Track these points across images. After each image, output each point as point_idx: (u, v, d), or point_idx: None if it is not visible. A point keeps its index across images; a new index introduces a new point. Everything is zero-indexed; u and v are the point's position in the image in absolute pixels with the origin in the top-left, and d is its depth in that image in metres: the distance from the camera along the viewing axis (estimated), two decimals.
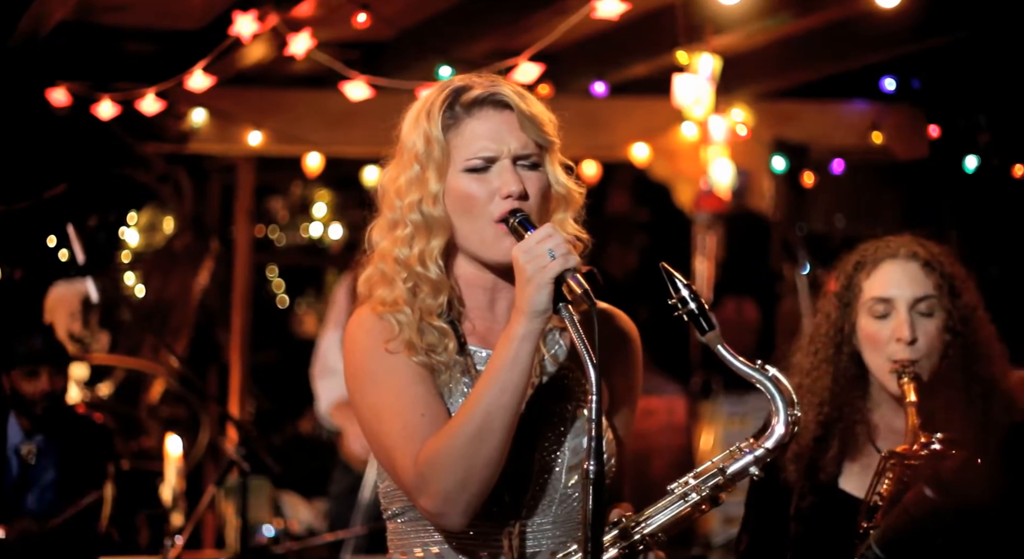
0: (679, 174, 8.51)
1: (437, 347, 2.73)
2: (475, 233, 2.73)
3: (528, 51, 5.90)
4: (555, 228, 2.65)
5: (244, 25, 6.41)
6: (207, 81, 6.88)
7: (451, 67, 6.53)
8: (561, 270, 2.56)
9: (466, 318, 2.81)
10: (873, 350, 3.36)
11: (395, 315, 2.72)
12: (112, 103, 7.27)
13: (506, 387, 2.56)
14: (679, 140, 8.28)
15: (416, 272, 2.74)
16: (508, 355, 2.56)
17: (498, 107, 2.74)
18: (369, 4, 6.05)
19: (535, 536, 2.73)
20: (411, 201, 2.74)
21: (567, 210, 2.82)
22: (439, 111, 2.74)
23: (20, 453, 6.12)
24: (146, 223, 9.87)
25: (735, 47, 7.68)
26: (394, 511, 2.80)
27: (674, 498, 2.70)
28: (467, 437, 2.55)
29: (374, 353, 2.71)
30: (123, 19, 7.46)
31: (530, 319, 2.56)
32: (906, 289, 3.34)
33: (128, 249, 9.84)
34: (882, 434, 3.40)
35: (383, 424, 2.68)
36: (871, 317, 3.36)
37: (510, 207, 2.68)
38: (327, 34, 7.02)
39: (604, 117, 8.53)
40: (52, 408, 6.14)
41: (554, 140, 2.80)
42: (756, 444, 2.69)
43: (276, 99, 8.20)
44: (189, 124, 8.20)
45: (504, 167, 2.71)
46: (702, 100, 6.70)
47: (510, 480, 2.68)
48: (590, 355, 2.54)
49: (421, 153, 2.73)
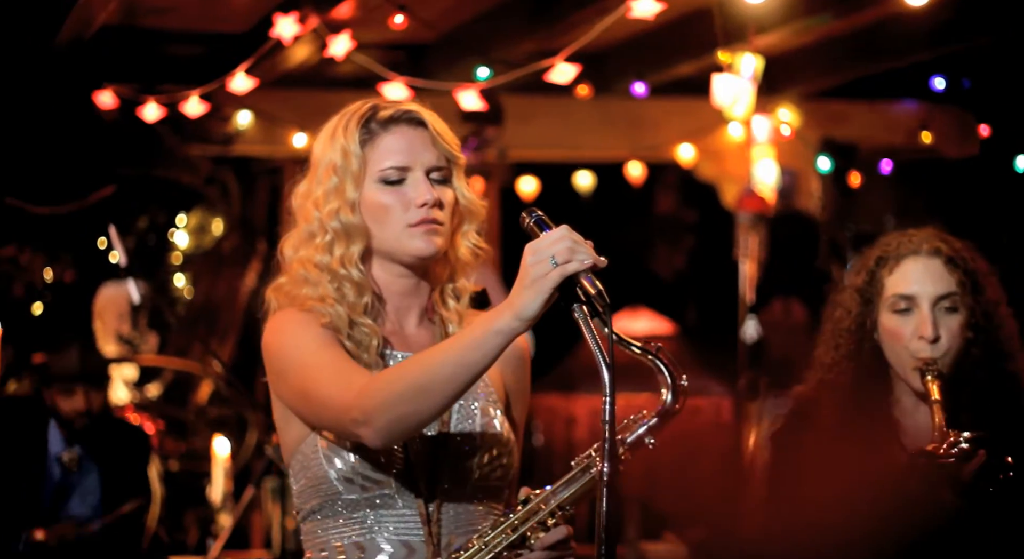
0: (726, 174, 8.47)
1: (362, 344, 2.82)
2: (391, 236, 2.83)
3: (564, 52, 5.90)
4: (569, 230, 2.63)
5: (285, 27, 6.45)
6: (250, 83, 6.92)
7: (489, 68, 6.54)
8: (559, 281, 2.55)
9: (384, 320, 2.90)
10: (895, 346, 3.33)
11: (325, 309, 2.80)
12: (157, 105, 7.32)
13: (461, 361, 2.59)
14: (726, 140, 8.25)
15: (340, 274, 2.82)
16: (479, 338, 2.58)
17: (412, 124, 2.86)
18: (407, 6, 6.06)
19: (450, 523, 2.81)
20: (330, 209, 2.82)
21: (472, 222, 2.94)
22: (356, 127, 2.85)
23: (62, 461, 6.16)
24: (195, 225, 9.91)
25: (782, 46, 7.64)
26: (311, 508, 2.85)
27: (577, 472, 2.75)
28: (412, 386, 2.60)
29: (303, 325, 2.78)
30: (167, 22, 7.52)
31: (514, 318, 2.57)
32: (928, 286, 3.30)
33: (178, 251, 9.90)
34: (906, 431, 3.37)
35: (314, 375, 2.73)
36: (893, 313, 3.33)
37: (426, 216, 2.80)
38: (371, 36, 7.04)
39: (650, 118, 8.51)
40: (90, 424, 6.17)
41: (461, 156, 2.92)
42: (648, 414, 2.72)
43: (321, 101, 8.14)
44: (234, 126, 8.25)
45: (418, 179, 2.83)
46: (742, 100, 6.66)
47: (426, 470, 2.79)
48: (604, 355, 2.53)
49: (339, 165, 2.83)
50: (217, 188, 9.19)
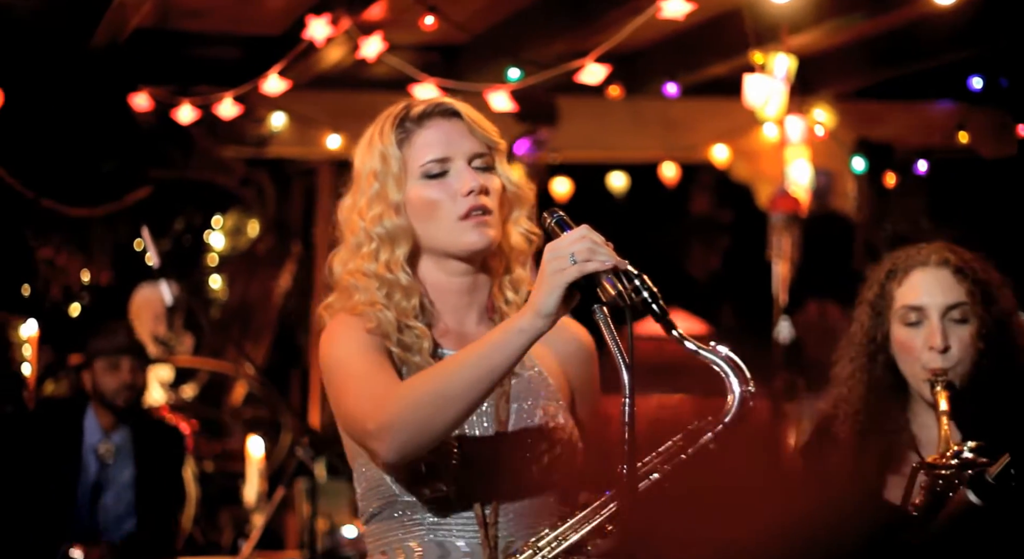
0: (761, 175, 8.44)
1: (412, 347, 2.80)
2: (441, 232, 2.81)
3: (594, 53, 5.89)
4: (590, 230, 2.63)
5: (317, 29, 6.47)
6: (283, 85, 6.94)
7: (520, 69, 6.53)
8: (577, 276, 2.55)
9: (438, 321, 2.87)
10: (907, 359, 3.32)
11: (376, 313, 2.79)
12: (192, 107, 7.36)
13: (482, 364, 2.58)
14: (760, 141, 8.22)
15: (387, 280, 2.81)
16: (501, 339, 2.58)
17: (446, 116, 2.85)
18: (437, 7, 6.07)
19: (510, 526, 2.79)
20: (373, 216, 2.82)
21: (521, 208, 2.91)
22: (391, 129, 2.83)
23: (98, 453, 6.21)
24: (231, 226, 9.96)
25: (817, 47, 7.60)
26: (372, 511, 2.84)
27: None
28: (429, 394, 2.59)
29: (353, 333, 2.77)
30: (203, 25, 7.55)
31: (535, 317, 2.57)
32: (938, 297, 3.28)
33: (214, 252, 9.94)
34: (924, 444, 3.34)
35: (351, 384, 2.71)
36: (903, 325, 3.31)
37: (474, 203, 2.77)
38: (406, 38, 7.05)
39: (684, 118, 8.49)
40: (133, 401, 6.23)
41: (501, 142, 2.89)
42: (714, 421, 2.71)
43: (355, 102, 8.23)
44: (268, 128, 8.27)
45: (461, 168, 2.80)
46: (773, 100, 6.63)
47: (483, 472, 2.76)
48: (623, 357, 2.54)
49: (379, 170, 2.81)
50: (253, 190, 9.23)
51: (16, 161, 7.51)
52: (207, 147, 8.24)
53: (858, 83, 8.31)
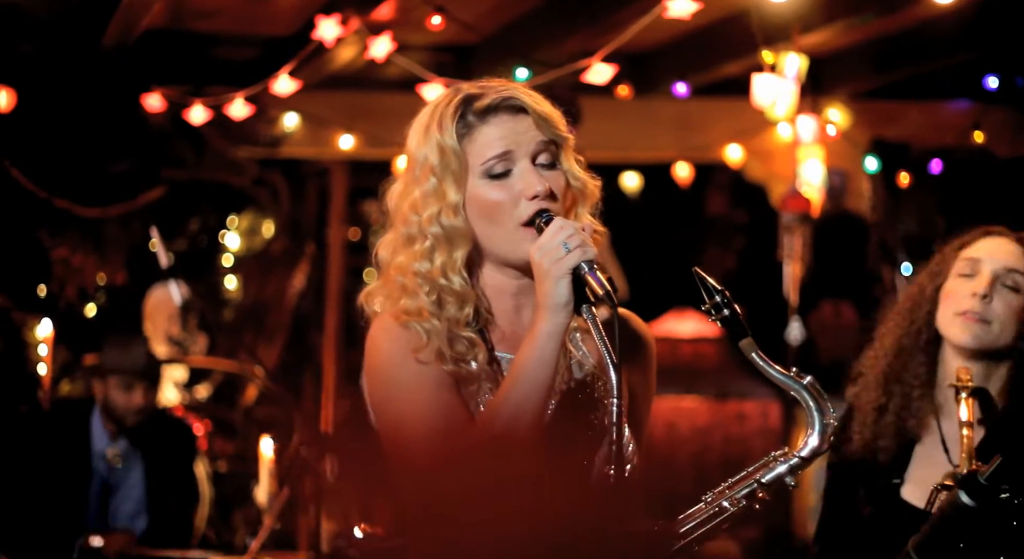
0: (775, 175, 8.41)
1: (467, 356, 2.66)
2: (501, 238, 2.67)
3: (600, 52, 5.87)
4: (567, 221, 2.59)
5: (327, 29, 6.46)
6: (293, 85, 6.94)
7: (528, 69, 6.51)
8: (578, 261, 2.51)
9: (494, 325, 2.74)
10: (947, 304, 3.31)
11: (422, 324, 2.66)
12: (204, 108, 7.36)
13: (532, 386, 2.51)
14: (775, 141, 8.19)
15: (439, 284, 2.68)
16: (533, 353, 2.52)
17: (512, 111, 2.67)
18: (445, 7, 6.06)
19: None
20: (430, 214, 2.67)
21: (584, 204, 2.76)
22: (451, 121, 2.66)
23: (106, 457, 6.20)
24: (247, 227, 9.97)
25: (832, 46, 7.57)
26: None
27: (708, 508, 2.63)
28: (492, 437, 2.51)
29: (400, 360, 2.65)
30: (214, 25, 7.56)
31: (553, 314, 2.51)
32: (997, 255, 3.28)
33: (229, 252, 9.96)
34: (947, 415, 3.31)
35: (404, 430, 2.62)
36: (957, 277, 3.30)
37: (537, 208, 2.63)
38: (420, 38, 7.04)
39: (697, 118, 8.47)
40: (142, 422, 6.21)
41: (567, 136, 2.73)
42: (791, 453, 2.62)
43: (368, 102, 8.24)
44: (281, 128, 8.27)
45: (526, 169, 2.65)
46: (782, 100, 6.60)
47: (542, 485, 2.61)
48: (611, 356, 2.49)
49: (436, 165, 2.66)
50: (267, 190, 9.23)
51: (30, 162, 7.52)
52: (220, 147, 8.24)
53: (873, 83, 8.28)
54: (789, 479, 2.62)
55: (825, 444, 2.59)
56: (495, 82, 2.74)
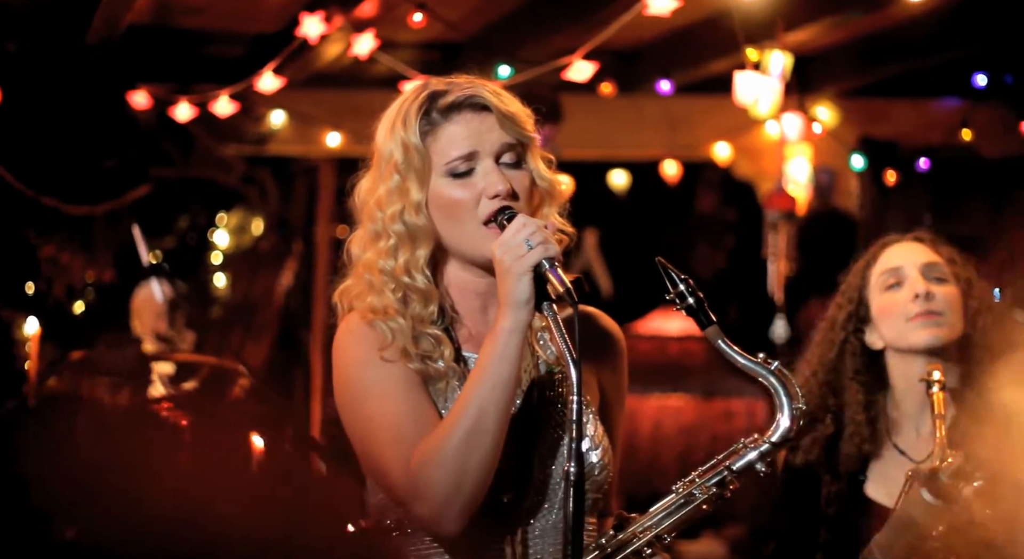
0: (763, 173, 8.41)
1: (433, 354, 2.67)
2: (464, 236, 2.66)
3: (581, 50, 5.87)
4: (529, 218, 2.58)
5: (311, 26, 6.45)
6: (277, 82, 6.93)
7: (510, 66, 6.50)
8: (539, 259, 2.50)
9: (460, 324, 2.74)
10: (889, 321, 3.27)
11: (387, 322, 2.66)
12: (189, 105, 7.35)
13: (496, 383, 2.51)
14: (763, 139, 8.19)
15: (403, 282, 2.68)
16: (496, 350, 2.52)
17: (476, 109, 2.67)
18: (427, 5, 6.05)
19: (537, 542, 2.66)
20: (393, 212, 2.67)
21: (552, 204, 2.76)
22: (415, 118, 2.66)
23: None
24: (236, 225, 9.95)
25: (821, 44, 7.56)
26: (388, 524, 2.73)
27: (678, 498, 2.65)
28: (460, 438, 2.49)
29: (366, 361, 2.65)
30: (201, 22, 7.55)
31: (515, 311, 2.51)
32: (914, 257, 3.26)
33: (218, 250, 9.94)
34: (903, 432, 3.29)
35: (374, 433, 2.61)
36: (883, 291, 3.27)
37: (499, 206, 2.63)
38: (408, 36, 7.03)
39: (686, 116, 8.46)
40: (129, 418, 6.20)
41: (534, 136, 2.72)
42: (760, 439, 2.63)
43: (355, 100, 8.21)
44: (268, 126, 8.26)
45: (488, 168, 2.65)
46: (764, 97, 6.58)
47: (510, 485, 2.63)
48: (571, 352, 2.48)
49: (400, 162, 2.66)
50: (256, 187, 9.23)
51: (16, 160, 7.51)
52: (207, 145, 8.23)
53: (861, 81, 8.27)
54: (760, 465, 2.62)
55: (793, 429, 2.60)
56: (462, 79, 2.74)
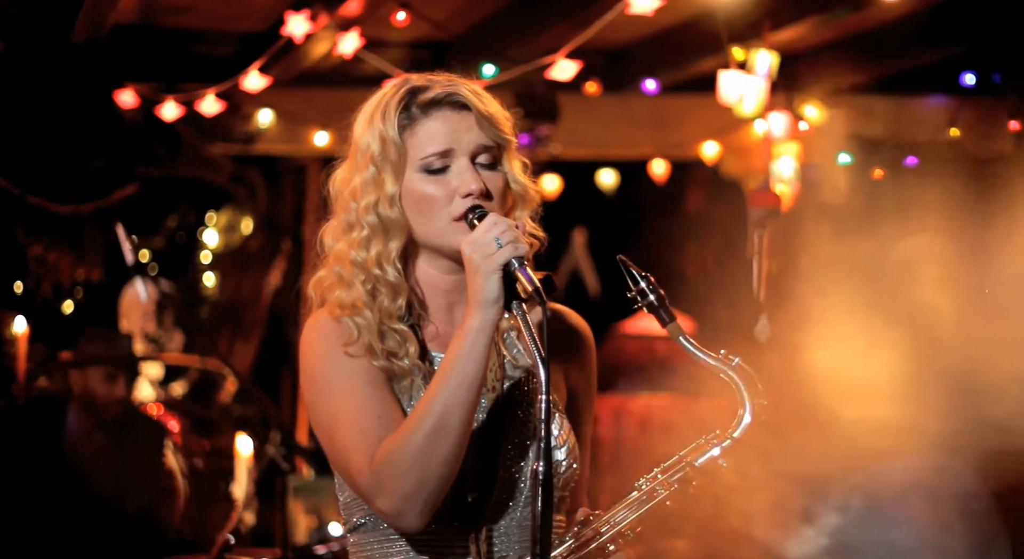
0: (750, 171, 8.41)
1: (398, 352, 2.67)
2: (434, 232, 2.67)
3: (564, 49, 5.86)
4: (500, 217, 2.58)
5: (296, 25, 6.45)
6: (263, 81, 6.92)
7: (495, 65, 6.50)
8: (509, 257, 2.49)
9: (427, 322, 2.75)
10: None
11: (353, 318, 2.66)
12: (176, 104, 7.35)
13: (462, 382, 2.50)
14: (751, 137, 8.19)
15: (374, 274, 2.68)
16: (463, 349, 2.50)
17: (455, 107, 2.66)
18: (411, 3, 6.05)
19: (502, 540, 2.67)
20: (367, 203, 2.67)
21: (524, 208, 2.75)
22: (395, 112, 2.67)
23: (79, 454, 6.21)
24: (225, 224, 9.97)
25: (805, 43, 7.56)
26: (355, 522, 2.73)
27: (640, 494, 2.66)
28: (424, 434, 2.49)
29: (331, 357, 2.65)
30: (188, 21, 7.55)
31: (483, 310, 2.50)
32: None
33: (208, 249, 9.96)
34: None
35: (339, 428, 2.61)
36: None
37: (471, 204, 2.63)
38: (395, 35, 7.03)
39: (675, 115, 8.46)
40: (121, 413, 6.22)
41: (511, 139, 2.72)
42: (723, 435, 2.64)
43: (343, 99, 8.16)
44: (256, 125, 8.26)
45: (463, 166, 2.65)
46: (749, 96, 6.58)
47: (475, 484, 2.64)
48: (539, 351, 2.47)
49: (376, 154, 2.67)
50: (245, 187, 9.23)
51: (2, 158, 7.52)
52: (194, 144, 8.23)
53: (848, 79, 8.27)
54: (722, 460, 2.64)
55: (756, 423, 2.60)
56: (443, 76, 2.75)
